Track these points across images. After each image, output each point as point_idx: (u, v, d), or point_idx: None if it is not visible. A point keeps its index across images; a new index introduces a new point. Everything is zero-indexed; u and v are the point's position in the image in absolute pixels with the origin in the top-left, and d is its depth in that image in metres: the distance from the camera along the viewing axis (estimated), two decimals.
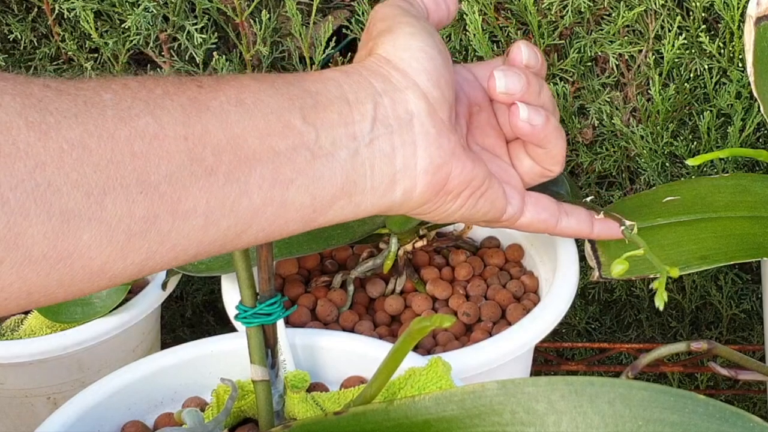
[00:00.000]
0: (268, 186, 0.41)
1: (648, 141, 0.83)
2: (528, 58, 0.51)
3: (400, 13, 0.49)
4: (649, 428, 0.40)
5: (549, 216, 0.53)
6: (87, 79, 0.39)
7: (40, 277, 0.36)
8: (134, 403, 0.55)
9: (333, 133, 0.43)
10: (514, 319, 0.68)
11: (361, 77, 0.46)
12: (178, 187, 0.38)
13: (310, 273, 0.74)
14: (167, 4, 0.82)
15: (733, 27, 0.78)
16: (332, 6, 0.89)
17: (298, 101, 0.43)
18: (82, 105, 0.37)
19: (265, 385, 0.51)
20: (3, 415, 0.72)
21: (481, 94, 0.53)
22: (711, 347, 0.49)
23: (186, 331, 0.97)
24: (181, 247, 0.39)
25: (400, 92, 0.46)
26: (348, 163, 0.44)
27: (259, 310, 0.51)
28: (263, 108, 0.42)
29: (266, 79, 0.43)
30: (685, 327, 0.93)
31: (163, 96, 0.39)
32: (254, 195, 0.41)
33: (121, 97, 0.38)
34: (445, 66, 0.47)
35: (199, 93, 0.40)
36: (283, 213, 0.42)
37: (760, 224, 0.62)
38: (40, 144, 0.35)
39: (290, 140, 0.42)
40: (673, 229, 0.63)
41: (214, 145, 0.39)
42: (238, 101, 0.41)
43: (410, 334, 0.41)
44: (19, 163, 0.34)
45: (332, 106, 0.44)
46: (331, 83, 0.45)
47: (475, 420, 0.42)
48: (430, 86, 0.46)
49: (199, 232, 0.40)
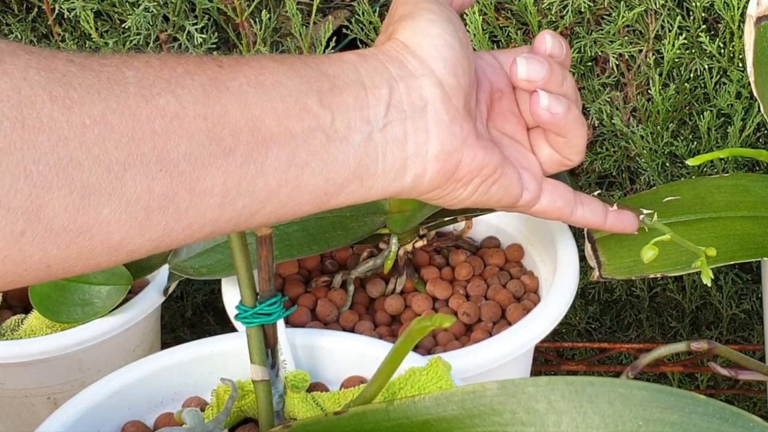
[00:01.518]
0: (284, 167, 0.42)
1: (648, 141, 0.83)
2: (552, 47, 0.52)
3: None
4: (649, 428, 0.40)
5: (564, 204, 0.53)
6: (110, 55, 0.39)
7: (60, 249, 0.36)
8: (134, 403, 0.55)
9: (348, 116, 0.44)
10: (514, 319, 0.68)
11: (378, 62, 0.46)
12: (197, 166, 0.39)
13: (310, 273, 0.74)
14: (167, 4, 0.82)
15: (733, 27, 0.78)
16: (332, 6, 0.89)
17: (316, 84, 0.43)
18: (105, 81, 0.37)
19: (265, 385, 0.51)
20: (3, 415, 0.72)
21: (504, 81, 0.53)
22: (711, 347, 0.49)
23: (186, 331, 0.97)
24: (197, 225, 0.40)
25: (415, 79, 0.46)
26: (361, 147, 0.44)
27: (259, 310, 0.51)
28: (281, 90, 0.42)
29: (286, 60, 0.44)
30: (685, 327, 0.93)
31: (184, 75, 0.40)
32: (270, 176, 0.41)
33: (144, 74, 0.38)
34: (463, 54, 0.48)
35: (220, 73, 0.41)
36: (296, 195, 0.43)
37: (760, 224, 0.62)
38: (63, 118, 0.35)
39: (306, 123, 0.42)
40: (673, 229, 0.63)
41: (232, 125, 0.40)
42: (257, 82, 0.41)
43: (410, 334, 0.41)
44: (42, 137, 0.35)
45: (348, 89, 0.44)
46: (348, 67, 0.45)
47: (475, 420, 0.42)
48: (447, 74, 0.47)
49: (216, 211, 0.40)
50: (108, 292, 0.68)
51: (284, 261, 0.73)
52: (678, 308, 0.93)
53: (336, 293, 0.71)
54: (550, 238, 0.71)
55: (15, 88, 0.35)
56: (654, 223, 0.54)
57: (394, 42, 0.47)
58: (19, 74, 0.35)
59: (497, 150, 0.49)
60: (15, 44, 0.37)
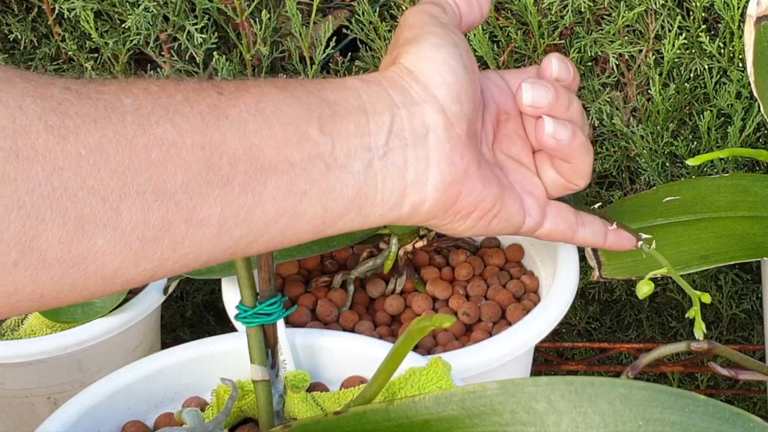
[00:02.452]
0: (282, 197, 0.41)
1: (648, 141, 0.83)
2: (559, 71, 0.51)
3: (429, 21, 0.48)
4: (649, 428, 0.40)
5: (567, 227, 0.53)
6: (108, 82, 0.39)
7: (54, 280, 0.36)
8: (134, 403, 0.55)
9: (348, 144, 0.43)
10: (514, 319, 0.68)
11: (381, 88, 0.45)
12: (193, 196, 0.38)
13: (311, 273, 0.74)
14: (167, 4, 0.82)
15: (733, 27, 0.78)
16: (332, 6, 0.89)
17: (317, 111, 0.43)
18: (102, 110, 0.37)
19: (265, 385, 0.51)
20: (3, 415, 0.72)
21: (511, 102, 0.52)
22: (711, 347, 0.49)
23: (186, 331, 0.97)
24: (192, 255, 0.40)
25: (418, 105, 0.45)
26: (361, 175, 0.44)
27: (259, 310, 0.51)
28: (282, 118, 0.41)
29: (287, 86, 0.43)
30: (685, 327, 0.93)
31: (182, 102, 0.39)
32: (268, 205, 0.41)
33: (142, 102, 0.38)
34: (467, 79, 0.47)
35: (219, 100, 0.40)
36: (294, 224, 0.42)
37: (760, 224, 0.62)
38: (58, 148, 0.35)
39: (306, 151, 0.42)
40: (673, 229, 0.63)
41: (231, 154, 0.39)
42: (257, 110, 0.41)
43: (410, 334, 0.41)
44: (37, 167, 0.34)
45: (350, 116, 0.44)
46: (350, 93, 0.44)
47: (475, 420, 0.42)
48: (450, 100, 0.46)
49: (212, 241, 0.40)
50: None
51: (284, 261, 0.73)
52: (678, 308, 0.93)
53: (336, 293, 0.71)
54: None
55: (10, 117, 0.34)
56: (651, 252, 0.54)
57: (398, 67, 0.47)
58: (14, 103, 0.35)
59: (496, 182, 0.49)
60: (12, 71, 0.36)
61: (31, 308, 0.37)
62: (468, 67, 0.47)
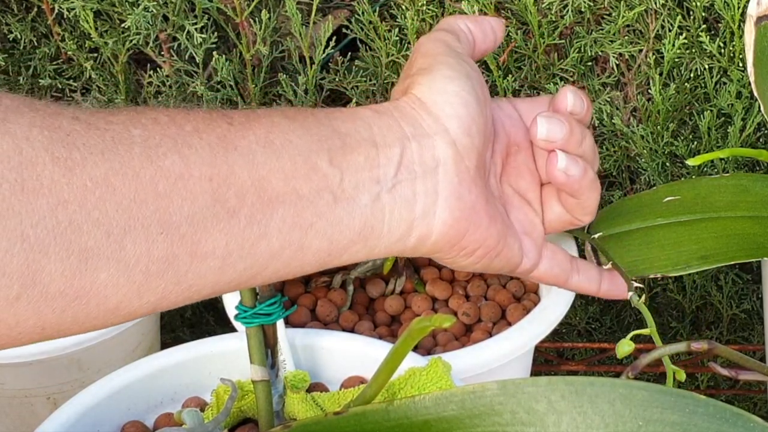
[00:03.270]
0: (288, 229, 0.41)
1: (648, 141, 0.83)
2: (573, 105, 0.51)
3: (443, 51, 0.48)
4: (649, 428, 0.40)
5: (561, 272, 0.53)
6: (118, 111, 0.38)
7: (56, 314, 0.36)
8: (134, 403, 0.55)
9: (357, 176, 0.43)
10: (514, 319, 0.68)
11: (392, 119, 0.45)
12: (199, 229, 0.38)
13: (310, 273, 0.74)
14: (167, 4, 0.82)
15: (733, 27, 0.78)
16: (332, 6, 0.89)
17: (327, 143, 0.42)
18: (110, 141, 0.36)
19: (264, 385, 0.51)
20: (3, 415, 0.72)
21: (522, 133, 0.52)
22: (711, 347, 0.49)
23: (186, 332, 0.97)
24: (196, 288, 0.39)
25: (428, 138, 0.45)
26: (368, 208, 0.43)
27: (258, 310, 0.51)
28: (291, 149, 0.41)
29: (297, 116, 0.43)
30: (685, 327, 0.93)
31: (192, 133, 0.39)
32: (273, 238, 0.40)
33: (150, 133, 0.38)
34: (479, 111, 0.47)
35: (229, 131, 0.40)
36: (299, 256, 0.42)
37: (761, 224, 0.62)
38: (64, 180, 0.35)
39: (315, 183, 0.41)
40: (673, 229, 0.63)
41: (238, 186, 0.39)
42: (267, 141, 0.41)
43: (410, 334, 0.41)
44: (42, 200, 0.34)
45: (360, 148, 0.43)
46: (361, 123, 0.44)
47: (475, 420, 0.42)
48: (461, 133, 0.46)
49: (216, 274, 0.39)
50: None
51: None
52: (678, 308, 0.93)
53: (336, 293, 0.71)
54: (550, 237, 0.71)
55: (17, 148, 0.34)
56: (638, 304, 0.55)
57: (410, 97, 0.46)
58: (21, 134, 0.34)
59: (500, 219, 0.48)
60: (20, 100, 0.36)
61: (32, 340, 0.36)
62: (480, 99, 0.47)
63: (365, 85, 0.86)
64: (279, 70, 0.86)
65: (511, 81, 0.83)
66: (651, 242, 0.62)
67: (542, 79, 0.83)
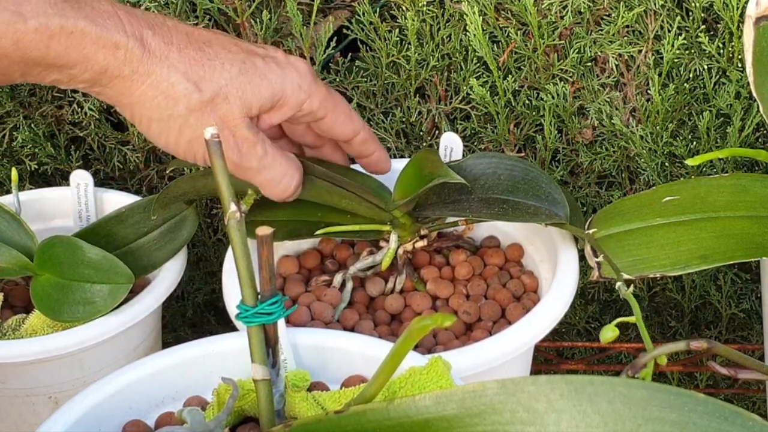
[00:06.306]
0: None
1: (647, 141, 0.83)
2: None
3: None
4: (648, 427, 0.40)
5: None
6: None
7: None
8: (135, 402, 0.55)
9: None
10: (514, 318, 0.68)
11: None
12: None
13: (311, 273, 0.74)
14: (168, 5, 0.82)
15: (732, 27, 0.78)
16: (333, 6, 0.89)
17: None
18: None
19: (266, 384, 0.52)
20: (4, 415, 0.72)
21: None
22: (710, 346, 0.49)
23: (187, 331, 0.97)
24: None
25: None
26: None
27: (260, 309, 0.51)
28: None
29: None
30: (684, 326, 0.93)
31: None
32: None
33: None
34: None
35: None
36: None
37: (760, 224, 0.62)
38: None
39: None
40: (672, 228, 0.63)
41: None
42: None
43: (410, 333, 0.41)
44: None
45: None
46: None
47: (475, 419, 0.42)
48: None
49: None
50: (110, 291, 0.68)
51: (284, 258, 0.73)
52: (677, 308, 0.93)
53: (330, 292, 0.71)
54: (550, 238, 0.71)
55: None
56: (627, 294, 0.55)
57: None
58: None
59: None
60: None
61: None
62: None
63: (366, 86, 0.87)
64: None
65: (511, 81, 0.83)
66: (650, 242, 0.63)
67: (542, 79, 0.83)
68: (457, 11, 0.83)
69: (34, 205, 0.80)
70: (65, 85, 0.59)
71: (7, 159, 0.89)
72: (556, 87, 0.82)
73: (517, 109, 0.84)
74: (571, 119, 0.84)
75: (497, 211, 0.65)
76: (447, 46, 0.84)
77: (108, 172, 0.91)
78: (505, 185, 0.67)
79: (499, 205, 0.66)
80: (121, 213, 0.75)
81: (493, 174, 0.68)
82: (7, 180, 0.89)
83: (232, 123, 0.61)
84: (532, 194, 0.66)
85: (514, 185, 0.67)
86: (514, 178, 0.67)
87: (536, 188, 0.66)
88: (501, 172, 0.68)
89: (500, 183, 0.67)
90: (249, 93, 0.62)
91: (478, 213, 0.66)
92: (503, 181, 0.67)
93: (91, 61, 0.57)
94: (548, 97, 0.83)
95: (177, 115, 0.60)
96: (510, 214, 0.65)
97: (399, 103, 0.87)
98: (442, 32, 0.84)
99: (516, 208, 0.65)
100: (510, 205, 0.65)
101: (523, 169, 0.68)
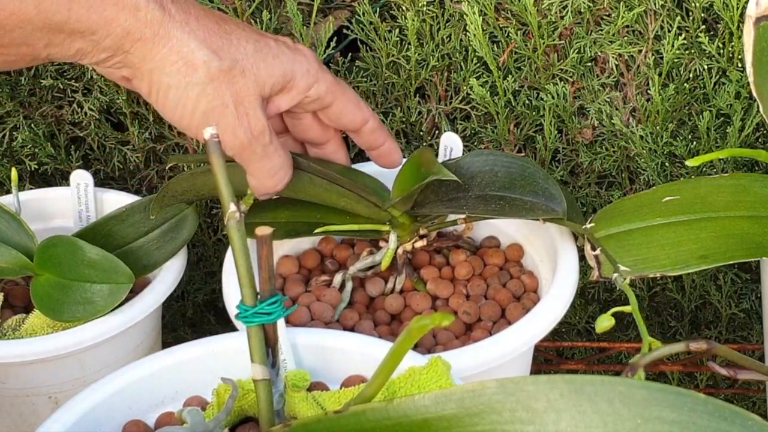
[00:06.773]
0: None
1: (647, 141, 0.83)
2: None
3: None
4: (648, 427, 0.40)
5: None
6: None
7: None
8: (135, 402, 0.55)
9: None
10: (514, 318, 0.68)
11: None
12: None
13: (311, 272, 0.74)
14: None
15: (732, 27, 0.78)
16: (333, 6, 0.89)
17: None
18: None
19: (265, 384, 0.52)
20: (4, 415, 0.72)
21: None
22: (710, 347, 0.49)
23: (187, 331, 0.97)
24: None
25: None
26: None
27: (259, 309, 0.51)
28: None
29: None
30: (684, 326, 0.93)
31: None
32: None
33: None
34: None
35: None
36: None
37: (760, 224, 0.62)
38: None
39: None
40: (672, 228, 0.63)
41: None
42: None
43: (410, 332, 0.41)
44: None
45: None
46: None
47: (474, 419, 0.42)
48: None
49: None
50: (110, 291, 0.68)
51: (285, 258, 0.73)
52: (677, 308, 0.93)
53: (329, 292, 0.71)
54: (549, 237, 0.71)
55: None
56: (623, 285, 0.55)
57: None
58: None
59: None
60: None
61: None
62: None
63: (366, 86, 0.87)
64: None
65: (511, 81, 0.83)
66: (650, 242, 0.63)
67: (542, 79, 0.83)
68: (457, 11, 0.83)
69: (34, 205, 0.80)
70: (89, 58, 0.59)
71: (7, 159, 0.89)
72: (556, 87, 0.82)
73: (517, 109, 0.84)
74: (571, 119, 0.84)
75: (494, 208, 0.65)
76: (447, 46, 0.84)
77: (108, 172, 0.91)
78: (502, 182, 0.67)
79: (496, 201, 0.66)
80: (121, 213, 0.75)
81: (491, 171, 0.68)
82: (7, 180, 0.89)
83: (247, 100, 0.61)
84: (529, 190, 0.66)
85: (512, 182, 0.67)
86: (511, 175, 0.67)
87: (533, 184, 0.66)
88: (498, 169, 0.68)
89: (497, 180, 0.67)
90: (263, 71, 0.62)
91: (475, 210, 0.66)
92: (500, 178, 0.67)
93: (112, 24, 0.57)
94: (548, 97, 0.83)
95: (196, 82, 0.60)
96: (507, 210, 0.65)
97: (399, 103, 0.87)
98: (442, 32, 0.84)
99: (513, 205, 0.65)
100: (507, 202, 0.65)
101: (520, 166, 0.68)
